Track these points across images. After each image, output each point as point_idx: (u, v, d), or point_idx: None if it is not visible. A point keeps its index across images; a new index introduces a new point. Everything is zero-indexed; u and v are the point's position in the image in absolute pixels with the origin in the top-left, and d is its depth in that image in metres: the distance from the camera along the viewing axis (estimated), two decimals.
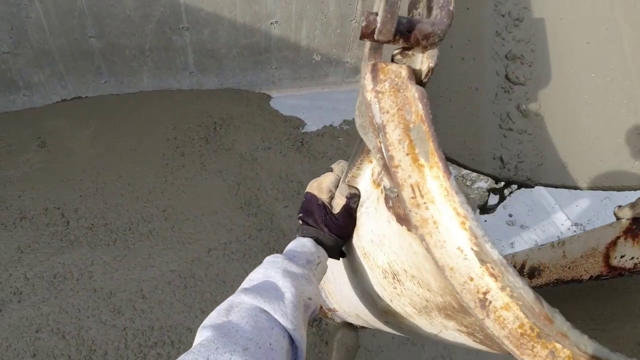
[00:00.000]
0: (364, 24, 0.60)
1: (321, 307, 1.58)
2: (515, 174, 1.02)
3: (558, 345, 0.46)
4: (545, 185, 0.99)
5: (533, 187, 1.01)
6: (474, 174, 3.66)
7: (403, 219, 0.65)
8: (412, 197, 0.55)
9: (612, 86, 1.06)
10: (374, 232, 0.81)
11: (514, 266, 1.08)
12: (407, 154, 0.57)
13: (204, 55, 3.85)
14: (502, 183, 1.04)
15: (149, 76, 3.82)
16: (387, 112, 0.60)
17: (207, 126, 3.67)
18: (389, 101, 0.61)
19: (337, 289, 1.21)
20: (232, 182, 3.29)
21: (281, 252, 0.90)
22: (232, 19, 3.70)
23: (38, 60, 3.44)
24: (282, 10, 3.80)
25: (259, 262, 2.99)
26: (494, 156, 1.02)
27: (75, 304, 2.50)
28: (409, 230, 0.64)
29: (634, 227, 0.83)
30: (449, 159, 0.96)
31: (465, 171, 3.59)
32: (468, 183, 3.56)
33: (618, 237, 0.86)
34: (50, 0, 3.17)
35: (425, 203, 0.54)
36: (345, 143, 3.73)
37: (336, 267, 1.16)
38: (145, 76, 3.81)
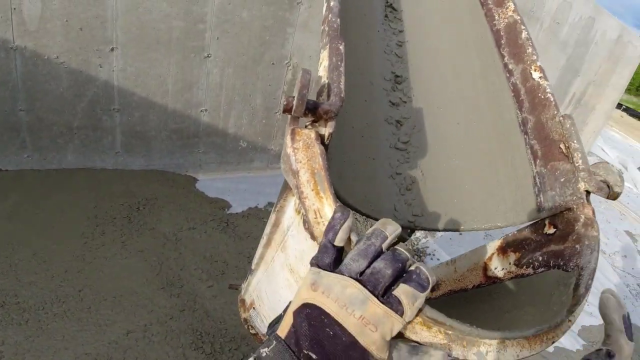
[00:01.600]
0: (284, 103, 0.91)
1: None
2: (410, 222, 1.31)
3: None
4: (432, 230, 1.30)
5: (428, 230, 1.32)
6: None
7: (315, 237, 0.87)
8: (315, 218, 0.82)
9: (476, 153, 1.44)
10: (296, 249, 1.03)
11: None
12: (312, 190, 0.85)
13: (132, 137, 3.93)
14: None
15: (74, 153, 3.78)
16: (300, 162, 0.89)
17: (131, 205, 3.65)
18: (302, 154, 0.90)
19: (270, 310, 1.42)
20: (154, 262, 3.25)
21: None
22: (164, 104, 3.89)
23: None
24: (212, 100, 4.08)
25: (180, 344, 2.93)
26: (391, 208, 1.34)
27: None
28: (316, 242, 0.87)
29: (504, 245, 1.12)
30: (354, 209, 1.27)
31: None
32: None
33: (493, 254, 1.14)
34: None
35: (322, 221, 0.81)
36: None
37: (267, 288, 1.37)
38: (70, 153, 3.77)
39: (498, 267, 1.11)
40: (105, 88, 3.59)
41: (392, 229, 0.66)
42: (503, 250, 1.11)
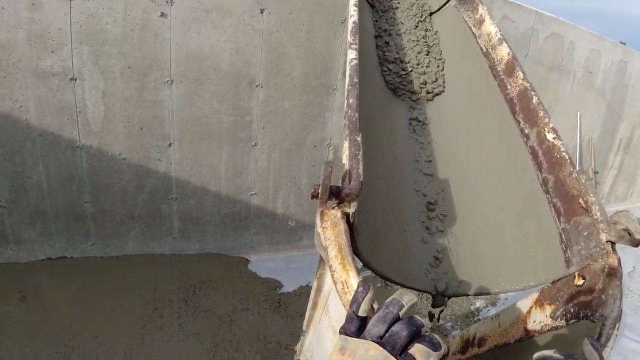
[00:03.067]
0: (312, 191, 1.09)
1: None
2: (444, 289, 1.35)
3: None
4: (465, 295, 1.32)
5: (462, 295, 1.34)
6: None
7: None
8: (342, 289, 0.93)
9: (504, 217, 1.49)
10: (337, 312, 1.13)
11: (467, 339, 1.29)
12: (339, 263, 0.96)
13: (188, 222, 4.18)
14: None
15: (135, 240, 4.06)
16: (329, 239, 1.02)
17: (187, 288, 3.79)
18: (330, 232, 1.04)
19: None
20: (209, 344, 3.29)
21: None
22: (217, 191, 4.15)
23: (32, 218, 3.66)
24: (260, 184, 4.31)
25: None
26: (423, 276, 1.40)
27: None
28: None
29: (541, 298, 1.11)
30: (389, 279, 1.33)
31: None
32: None
33: (532, 307, 1.12)
34: (53, 165, 3.55)
35: (349, 292, 0.91)
36: None
37: (317, 348, 1.42)
38: (131, 240, 4.04)
39: (537, 320, 1.12)
40: (163, 179, 3.92)
41: (408, 299, 0.76)
42: (540, 303, 1.12)
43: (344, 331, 0.76)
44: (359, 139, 1.27)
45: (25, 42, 3.18)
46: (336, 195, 1.07)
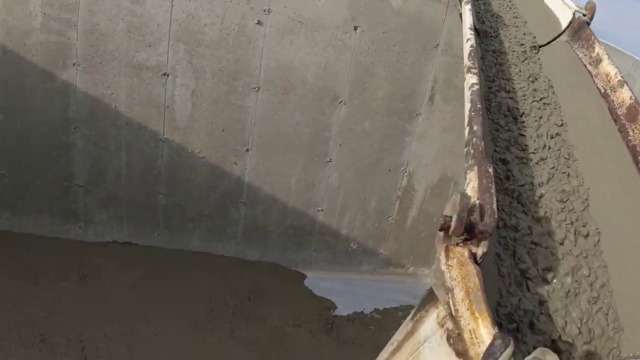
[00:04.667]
0: (442, 222, 0.97)
1: None
2: None
3: None
4: None
5: None
6: None
7: (461, 354, 0.85)
8: (470, 338, 0.81)
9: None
10: None
11: None
12: (467, 309, 0.84)
13: (253, 229, 4.19)
14: None
15: (199, 238, 4.12)
16: (455, 280, 0.90)
17: (243, 294, 3.77)
18: (456, 272, 0.92)
19: None
20: (258, 355, 3.23)
21: None
22: (285, 202, 4.14)
23: (106, 201, 3.84)
24: (329, 201, 4.25)
25: None
26: None
27: None
28: None
29: None
30: None
31: None
32: None
33: None
34: (135, 154, 3.71)
35: (478, 343, 0.79)
36: (376, 332, 3.70)
37: None
38: (196, 238, 4.12)
39: None
40: (236, 183, 3.97)
41: (550, 359, 0.70)
42: None
43: None
44: (490, 170, 1.16)
45: (124, 33, 3.37)
46: (469, 231, 0.96)
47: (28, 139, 3.58)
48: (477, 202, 1.07)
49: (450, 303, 0.87)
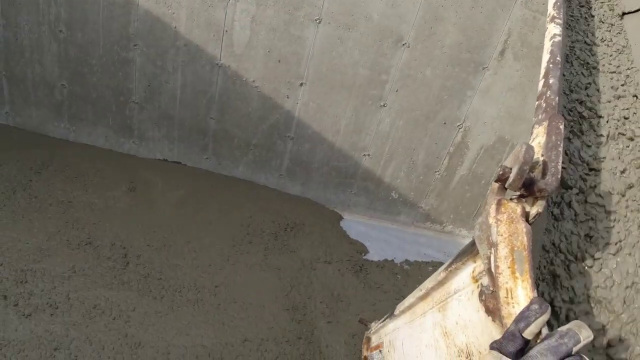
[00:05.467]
0: (500, 172, 0.91)
1: None
2: None
3: None
4: None
5: None
6: None
7: (491, 311, 0.84)
8: (505, 297, 0.78)
9: None
10: (461, 316, 0.99)
11: None
12: (509, 267, 0.81)
13: (297, 164, 4.23)
14: None
15: (245, 166, 4.22)
16: (501, 235, 0.86)
17: (279, 224, 3.88)
18: (504, 228, 0.86)
19: (400, 356, 1.37)
20: (287, 283, 3.35)
21: None
22: (332, 142, 4.12)
23: (159, 120, 3.97)
24: (376, 147, 4.18)
25: None
26: None
27: (102, 340, 2.52)
28: (494, 320, 0.83)
29: None
30: None
31: None
32: None
33: None
34: (190, 76, 3.76)
35: (513, 303, 0.77)
36: (403, 282, 3.73)
37: (407, 339, 1.29)
38: (242, 165, 4.21)
39: None
40: (286, 117, 3.97)
41: (586, 334, 0.65)
42: None
43: (498, 347, 0.67)
44: (561, 126, 1.05)
45: None
46: (527, 187, 0.89)
47: (88, 52, 3.70)
48: (542, 158, 0.99)
49: (492, 258, 0.84)
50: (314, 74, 3.79)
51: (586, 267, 1.19)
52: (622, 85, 1.87)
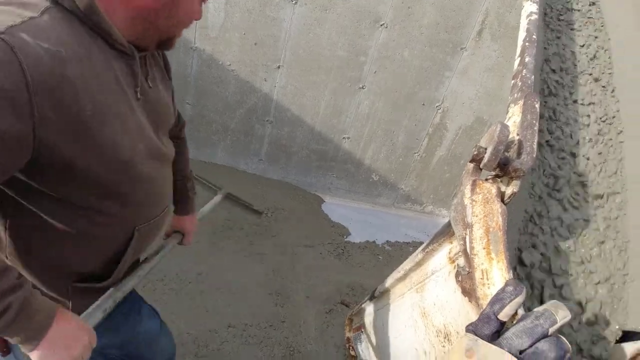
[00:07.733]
0: (475, 152, 0.90)
1: None
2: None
3: None
4: None
5: None
6: None
7: (467, 292, 0.85)
8: (481, 278, 0.78)
9: None
10: (438, 297, 1.00)
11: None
12: (484, 248, 0.81)
13: (276, 148, 4.19)
14: None
15: (224, 152, 4.17)
16: (476, 216, 0.85)
17: (261, 209, 3.86)
18: (479, 208, 0.86)
19: (382, 341, 1.39)
20: (269, 268, 3.36)
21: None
22: (312, 125, 4.09)
23: None
24: (356, 129, 4.18)
25: (273, 354, 2.90)
26: None
27: None
28: (470, 301, 0.84)
29: None
30: None
31: None
32: None
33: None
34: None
35: (488, 284, 0.77)
36: (385, 262, 3.78)
37: (387, 320, 1.31)
38: (220, 151, 4.16)
39: None
40: (264, 100, 3.91)
41: (563, 314, 0.63)
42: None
43: (473, 329, 0.66)
44: (536, 105, 1.05)
45: None
46: (502, 167, 0.89)
47: None
48: (517, 137, 0.99)
49: (467, 239, 0.84)
50: (292, 56, 3.74)
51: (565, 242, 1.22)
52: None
